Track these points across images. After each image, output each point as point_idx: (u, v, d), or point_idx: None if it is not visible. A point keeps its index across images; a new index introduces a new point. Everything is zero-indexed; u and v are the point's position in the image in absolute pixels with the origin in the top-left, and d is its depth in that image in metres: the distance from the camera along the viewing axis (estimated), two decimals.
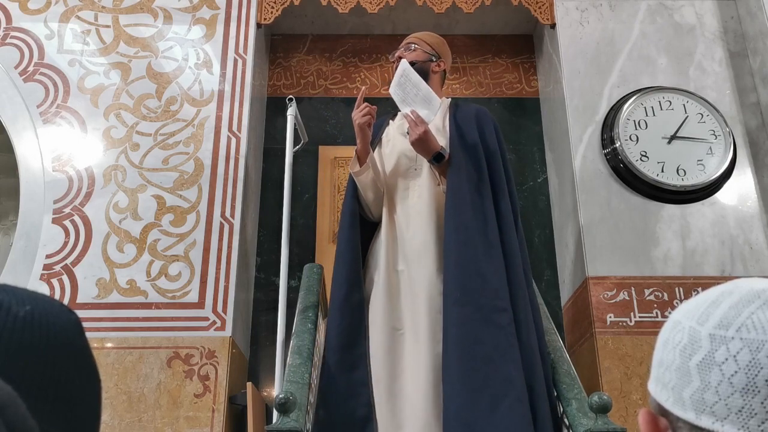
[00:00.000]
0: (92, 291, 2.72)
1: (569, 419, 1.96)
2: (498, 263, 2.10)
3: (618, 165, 2.93)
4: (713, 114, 3.00)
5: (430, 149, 2.17)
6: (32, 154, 2.95)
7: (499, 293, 2.04)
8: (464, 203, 2.14)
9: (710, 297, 0.58)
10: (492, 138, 2.34)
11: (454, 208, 2.13)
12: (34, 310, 0.52)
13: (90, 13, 3.23)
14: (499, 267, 2.09)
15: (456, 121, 2.33)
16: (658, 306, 2.70)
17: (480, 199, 2.18)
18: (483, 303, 2.01)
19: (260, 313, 3.08)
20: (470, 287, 2.03)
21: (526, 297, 2.11)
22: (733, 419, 0.51)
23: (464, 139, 2.28)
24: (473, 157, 2.25)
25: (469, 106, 2.48)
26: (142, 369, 2.59)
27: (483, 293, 2.02)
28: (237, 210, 2.89)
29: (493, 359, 1.94)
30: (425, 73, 2.36)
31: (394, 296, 2.18)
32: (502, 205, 2.21)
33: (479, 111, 2.41)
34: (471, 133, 2.30)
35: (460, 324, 1.98)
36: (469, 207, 2.13)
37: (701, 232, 2.83)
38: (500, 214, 2.19)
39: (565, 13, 3.27)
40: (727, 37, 3.20)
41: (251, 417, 2.50)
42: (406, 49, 2.42)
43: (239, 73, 3.15)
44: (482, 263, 2.07)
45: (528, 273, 2.25)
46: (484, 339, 1.96)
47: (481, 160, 2.25)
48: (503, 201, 2.22)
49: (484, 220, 2.15)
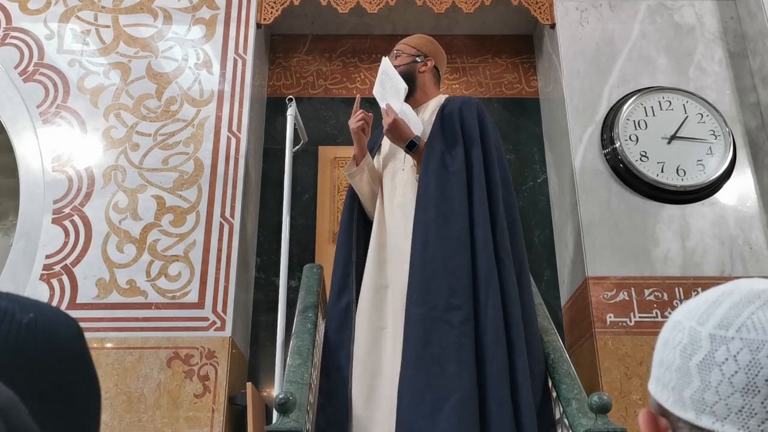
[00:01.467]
0: (92, 291, 2.72)
1: (569, 419, 1.96)
2: (461, 259, 2.04)
3: (618, 165, 2.93)
4: (713, 114, 3.00)
5: (403, 137, 2.20)
6: (32, 154, 2.95)
7: (456, 291, 1.99)
8: (429, 200, 2.12)
9: (710, 297, 0.58)
10: (473, 126, 2.29)
11: (420, 205, 2.13)
12: (38, 318, 0.53)
13: (90, 13, 3.23)
14: (462, 263, 2.04)
15: (442, 114, 2.33)
16: (657, 306, 2.70)
17: (450, 192, 2.13)
18: (437, 302, 1.98)
19: (260, 313, 3.08)
20: (426, 286, 2.01)
21: (497, 290, 2.03)
22: (733, 419, 0.51)
23: (444, 130, 2.27)
24: (450, 148, 2.23)
25: (456, 98, 2.48)
26: (142, 369, 2.59)
27: (439, 292, 1.99)
28: (237, 210, 2.89)
29: (440, 360, 1.91)
30: (411, 74, 2.39)
31: (380, 294, 2.20)
32: (476, 197, 2.15)
33: (464, 101, 2.39)
34: (452, 124, 2.29)
35: (414, 325, 1.97)
36: (432, 204, 2.11)
37: (701, 232, 2.83)
38: (473, 205, 2.14)
39: (564, 13, 3.27)
40: (727, 38, 3.20)
41: (251, 417, 2.50)
42: (392, 58, 2.46)
43: (239, 73, 3.15)
44: (441, 261, 2.03)
45: (524, 268, 2.22)
46: (433, 340, 1.94)
47: (455, 150, 2.21)
48: (478, 192, 2.16)
49: (450, 215, 2.10)
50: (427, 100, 2.43)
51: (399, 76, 2.28)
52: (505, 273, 2.10)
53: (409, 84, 2.30)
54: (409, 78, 2.34)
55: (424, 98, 2.42)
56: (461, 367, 1.89)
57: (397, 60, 2.43)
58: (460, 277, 2.02)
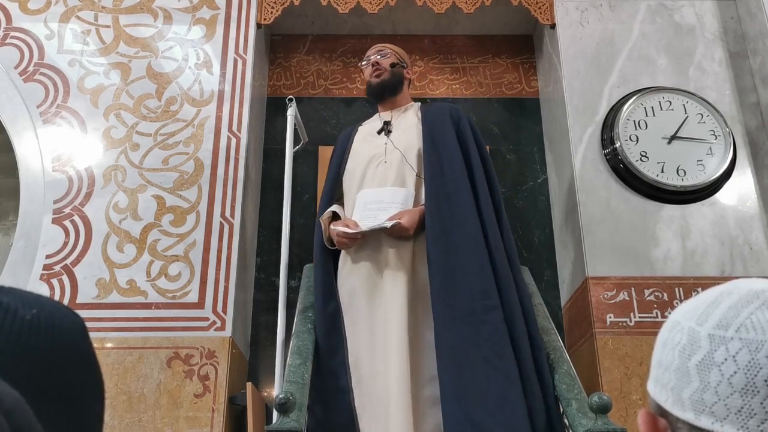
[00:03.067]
0: (92, 291, 2.72)
1: (569, 419, 1.96)
2: (483, 260, 2.14)
3: (618, 165, 2.93)
4: (713, 114, 3.00)
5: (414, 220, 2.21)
6: (32, 154, 2.94)
7: (488, 291, 2.08)
8: (441, 208, 2.20)
9: (709, 297, 0.58)
10: (468, 133, 2.42)
11: (432, 213, 2.19)
12: (40, 314, 0.52)
13: (90, 13, 3.23)
14: (486, 264, 2.13)
15: (427, 123, 2.40)
16: (658, 306, 2.70)
17: (457, 198, 2.23)
18: (474, 306, 2.05)
19: (260, 313, 3.08)
20: (457, 290, 2.08)
21: (514, 288, 2.16)
22: (732, 419, 0.51)
23: (436, 140, 2.36)
24: (448, 158, 2.32)
25: (439, 106, 2.61)
26: (142, 369, 2.59)
27: (472, 295, 2.07)
28: (237, 210, 2.89)
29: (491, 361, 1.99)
30: (401, 76, 2.58)
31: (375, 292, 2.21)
32: (482, 200, 2.26)
33: (452, 108, 2.54)
34: (446, 133, 2.38)
35: (456, 330, 2.02)
36: (446, 212, 2.20)
37: (701, 232, 2.83)
38: (480, 211, 2.24)
39: (565, 13, 3.27)
40: (727, 38, 3.20)
41: (251, 417, 2.50)
42: (382, 56, 2.58)
43: (239, 73, 3.15)
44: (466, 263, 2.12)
45: (514, 261, 2.28)
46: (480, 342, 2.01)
47: (454, 158, 2.31)
48: (483, 194, 2.28)
49: (464, 220, 2.19)
50: (406, 103, 2.61)
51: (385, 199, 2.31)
52: (515, 271, 2.22)
53: (397, 85, 2.53)
54: (398, 79, 2.55)
55: (404, 102, 2.61)
56: (510, 364, 1.98)
57: (386, 59, 2.57)
58: (487, 277, 2.10)
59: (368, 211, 2.26)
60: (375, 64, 2.57)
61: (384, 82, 2.55)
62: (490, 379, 1.92)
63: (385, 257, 2.21)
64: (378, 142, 2.45)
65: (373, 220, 2.22)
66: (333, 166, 2.55)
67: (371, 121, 2.63)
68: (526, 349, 2.05)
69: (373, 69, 2.57)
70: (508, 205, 3.29)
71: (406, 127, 2.45)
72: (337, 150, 2.61)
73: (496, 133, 3.45)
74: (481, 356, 1.96)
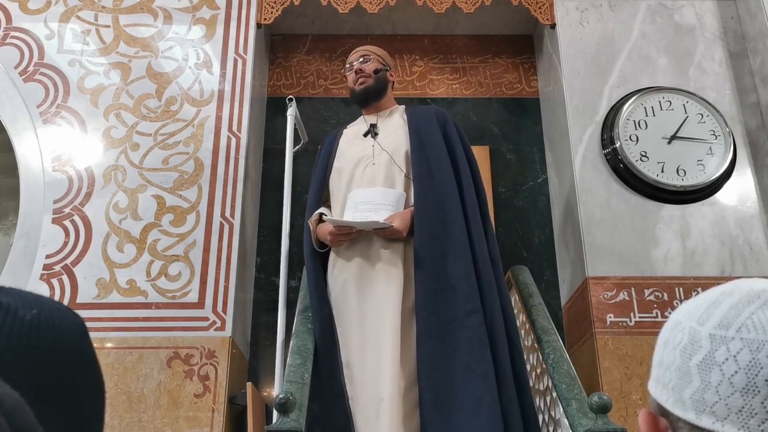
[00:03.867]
0: (92, 291, 2.72)
1: (569, 419, 1.96)
2: (467, 264, 2.15)
3: (618, 165, 2.93)
4: (713, 114, 3.00)
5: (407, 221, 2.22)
6: (32, 154, 2.94)
7: (469, 296, 2.10)
8: (427, 211, 2.22)
9: (710, 297, 0.58)
10: (454, 136, 2.43)
11: (420, 216, 2.21)
12: (41, 314, 0.52)
13: (90, 13, 3.23)
14: (470, 268, 2.15)
15: (413, 125, 2.43)
16: (658, 306, 2.70)
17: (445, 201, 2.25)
18: (456, 311, 2.08)
19: (260, 313, 3.08)
20: (439, 297, 2.10)
21: (495, 292, 2.17)
22: (733, 419, 0.51)
23: (424, 142, 2.38)
24: (436, 160, 2.34)
25: (425, 108, 2.64)
26: (142, 369, 2.59)
27: (454, 299, 2.09)
28: (237, 210, 2.89)
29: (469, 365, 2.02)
30: (384, 80, 2.58)
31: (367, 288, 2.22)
32: (468, 204, 2.28)
33: (437, 111, 2.55)
34: (432, 135, 2.40)
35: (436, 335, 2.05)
36: (433, 215, 2.22)
37: (701, 232, 2.83)
38: (466, 213, 2.26)
39: (565, 13, 3.27)
40: (727, 38, 3.20)
41: (251, 417, 2.50)
42: (364, 61, 2.59)
43: (239, 73, 3.15)
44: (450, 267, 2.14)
45: (497, 263, 2.30)
46: (460, 347, 2.04)
47: (442, 160, 2.33)
48: (469, 198, 2.30)
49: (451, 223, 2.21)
50: (390, 106, 2.62)
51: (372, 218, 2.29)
52: (497, 274, 2.24)
53: (381, 90, 2.54)
54: (382, 85, 2.56)
55: (389, 104, 2.61)
56: (488, 367, 2.00)
57: (369, 64, 2.58)
58: (471, 283, 2.12)
59: (359, 212, 2.26)
60: (359, 71, 2.57)
61: (368, 88, 2.55)
62: (468, 386, 1.96)
63: (376, 253, 2.22)
64: (365, 145, 2.45)
65: (365, 220, 2.23)
66: (319, 168, 2.55)
67: (356, 124, 2.63)
68: (505, 351, 2.08)
69: (357, 76, 2.57)
70: (508, 205, 3.29)
71: (392, 129, 2.47)
72: (322, 152, 2.61)
73: (496, 133, 3.45)
74: (460, 361, 2.01)
